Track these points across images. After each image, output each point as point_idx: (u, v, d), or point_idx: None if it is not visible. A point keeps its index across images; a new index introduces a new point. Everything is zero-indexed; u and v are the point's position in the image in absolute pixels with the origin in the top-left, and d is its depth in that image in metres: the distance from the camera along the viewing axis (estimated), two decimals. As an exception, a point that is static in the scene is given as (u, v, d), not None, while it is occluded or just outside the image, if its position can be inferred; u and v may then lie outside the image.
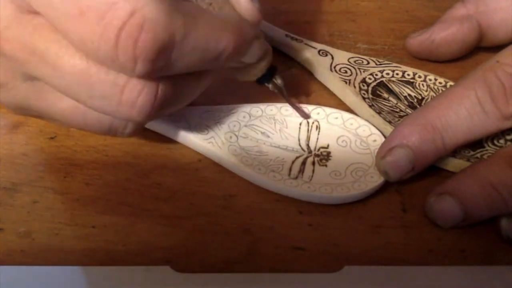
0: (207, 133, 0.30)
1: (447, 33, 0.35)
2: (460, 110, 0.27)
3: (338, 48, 0.36)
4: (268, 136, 0.30)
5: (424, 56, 0.36)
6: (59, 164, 0.30)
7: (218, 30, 0.23)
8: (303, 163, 0.29)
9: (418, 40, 0.36)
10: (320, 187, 0.28)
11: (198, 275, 0.25)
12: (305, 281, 0.25)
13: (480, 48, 0.36)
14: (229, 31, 0.24)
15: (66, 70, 0.22)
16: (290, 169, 0.29)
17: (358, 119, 0.31)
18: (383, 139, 0.30)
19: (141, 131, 0.28)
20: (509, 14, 0.34)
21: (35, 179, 0.29)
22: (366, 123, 0.31)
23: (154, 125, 0.30)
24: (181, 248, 0.26)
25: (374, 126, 0.31)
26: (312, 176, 0.29)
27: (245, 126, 0.31)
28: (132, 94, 0.23)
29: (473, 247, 0.26)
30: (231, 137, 0.30)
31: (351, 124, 0.31)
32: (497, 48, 0.31)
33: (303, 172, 0.29)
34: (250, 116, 0.31)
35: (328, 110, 0.32)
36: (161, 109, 0.24)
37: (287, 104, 0.31)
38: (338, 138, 0.31)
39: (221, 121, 0.31)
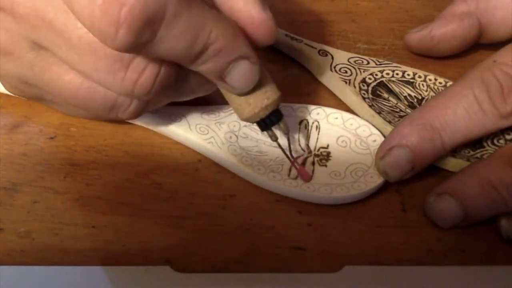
0: (207, 133, 0.30)
1: (447, 29, 0.35)
2: (459, 109, 0.27)
3: (338, 48, 0.36)
4: (268, 136, 0.30)
5: (424, 52, 0.36)
6: (59, 164, 0.30)
7: (211, 22, 0.23)
8: (303, 163, 0.29)
9: (417, 36, 0.36)
10: (320, 187, 0.28)
11: (198, 275, 0.25)
12: (305, 281, 0.25)
13: (480, 46, 0.36)
14: (220, 29, 0.23)
15: (73, 41, 0.22)
16: (290, 169, 0.29)
17: (358, 119, 0.31)
18: (383, 139, 0.30)
19: (141, 117, 0.28)
20: (510, 11, 0.34)
21: (35, 179, 0.29)
22: (366, 123, 0.31)
23: (154, 124, 0.30)
24: (181, 248, 0.26)
25: (374, 126, 0.31)
26: (312, 175, 0.29)
27: (245, 126, 0.31)
28: (137, 70, 0.23)
29: (473, 247, 0.26)
30: (231, 137, 0.30)
31: (351, 124, 0.31)
32: (497, 45, 0.31)
33: None
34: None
35: (328, 110, 0.32)
36: (161, 89, 0.24)
37: (287, 104, 0.31)
38: (338, 138, 0.31)
39: (221, 121, 0.31)
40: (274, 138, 0.28)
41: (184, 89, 0.27)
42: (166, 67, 0.24)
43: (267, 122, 0.27)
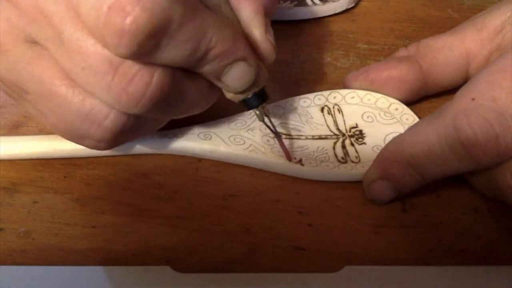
0: (244, 143, 0.30)
1: (382, 70, 0.32)
2: (432, 156, 0.26)
3: (338, 48, 0.36)
4: (300, 130, 0.31)
5: None
6: (59, 164, 0.30)
7: (212, 29, 0.23)
8: (343, 146, 0.30)
9: (353, 75, 0.33)
10: (371, 164, 0.28)
11: (198, 275, 0.25)
12: (305, 281, 0.25)
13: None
14: (221, 34, 0.23)
15: (66, 37, 0.22)
16: (336, 156, 0.29)
17: (373, 93, 0.32)
18: (404, 106, 0.31)
19: (112, 147, 0.26)
20: (454, 51, 0.31)
21: (35, 179, 0.29)
22: (381, 95, 0.32)
23: (185, 148, 0.30)
24: (181, 248, 0.26)
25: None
26: (358, 156, 0.29)
27: (275, 126, 0.31)
28: (125, 76, 0.22)
29: (473, 247, 0.26)
30: (268, 140, 0.30)
31: (369, 99, 0.32)
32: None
33: (348, 154, 0.29)
34: (275, 116, 0.31)
35: (343, 91, 0.32)
36: (153, 102, 0.23)
37: (306, 96, 0.32)
38: (363, 115, 0.31)
39: (250, 127, 0.30)
40: (261, 118, 0.28)
41: (179, 103, 0.25)
42: (158, 77, 0.23)
43: (251, 102, 0.27)
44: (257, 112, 0.28)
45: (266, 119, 0.28)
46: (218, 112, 0.30)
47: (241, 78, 0.25)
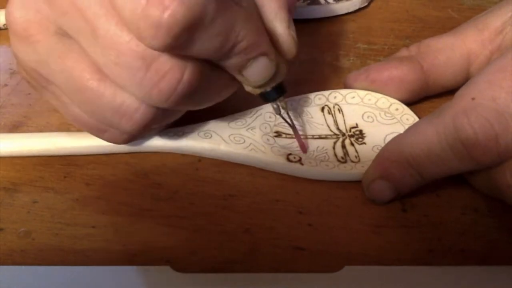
0: (244, 142, 0.30)
1: (383, 70, 0.32)
2: (432, 155, 0.26)
3: (338, 48, 0.36)
4: (300, 130, 0.31)
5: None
6: (59, 164, 0.30)
7: (240, 23, 0.23)
8: (343, 146, 0.30)
9: (353, 75, 0.33)
10: (370, 163, 0.28)
11: (198, 275, 0.25)
12: (305, 281, 0.25)
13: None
14: (248, 29, 0.23)
15: (100, 32, 0.22)
16: (336, 155, 0.29)
17: (373, 93, 0.32)
18: (404, 106, 0.31)
19: (140, 136, 0.27)
20: (455, 51, 0.31)
21: (35, 179, 0.29)
22: (382, 95, 0.32)
23: (185, 147, 0.30)
24: (181, 248, 0.26)
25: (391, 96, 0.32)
26: (358, 156, 0.29)
27: (275, 125, 0.31)
28: (158, 72, 0.23)
29: (473, 247, 0.26)
30: (268, 139, 0.30)
31: (369, 99, 0.32)
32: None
33: (348, 154, 0.30)
34: (275, 115, 0.31)
35: (343, 91, 0.32)
36: (182, 97, 0.24)
37: (304, 96, 0.32)
38: (363, 115, 0.31)
39: (251, 126, 0.30)
40: (278, 111, 0.29)
41: (203, 95, 0.26)
42: (189, 74, 0.23)
43: (270, 95, 0.27)
44: (275, 106, 0.28)
45: (283, 112, 0.29)
46: (218, 111, 0.30)
47: (262, 72, 0.25)
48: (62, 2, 0.23)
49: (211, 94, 0.26)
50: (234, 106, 0.28)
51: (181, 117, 0.28)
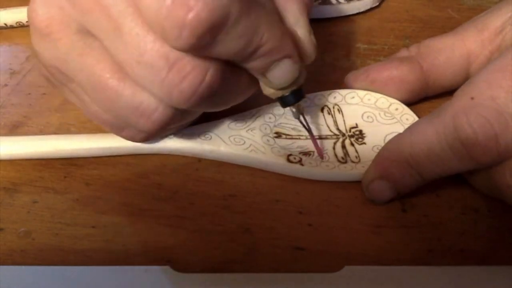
0: (244, 143, 0.30)
1: (383, 70, 0.32)
2: (431, 155, 0.26)
3: (338, 48, 0.36)
4: (300, 130, 0.31)
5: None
6: (59, 164, 0.30)
7: (264, 26, 0.23)
8: (343, 146, 0.30)
9: (353, 75, 0.33)
10: (370, 163, 0.28)
11: (198, 275, 0.25)
12: (305, 281, 0.25)
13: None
14: (271, 32, 0.23)
15: (124, 30, 0.22)
16: (336, 155, 0.29)
17: (373, 93, 0.32)
18: (404, 106, 0.31)
19: (157, 135, 0.27)
20: (455, 52, 0.31)
21: (35, 179, 0.29)
22: (381, 95, 0.32)
23: (185, 148, 0.30)
24: (181, 248, 0.26)
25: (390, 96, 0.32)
26: (358, 156, 0.29)
27: (275, 126, 0.31)
28: (180, 73, 0.23)
29: (473, 247, 0.26)
30: (268, 140, 0.30)
31: (369, 99, 0.32)
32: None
33: (348, 154, 0.30)
34: (275, 116, 0.31)
35: (342, 91, 0.32)
36: (202, 99, 0.24)
37: (306, 96, 0.32)
38: (363, 115, 0.31)
39: (251, 127, 0.30)
40: (296, 115, 0.29)
41: (223, 97, 0.26)
42: (211, 76, 0.23)
43: (289, 99, 0.27)
44: (294, 110, 0.28)
45: (301, 117, 0.29)
46: (218, 112, 0.30)
47: (285, 75, 0.25)
48: (85, 0, 0.23)
49: (230, 96, 0.26)
50: (233, 107, 0.28)
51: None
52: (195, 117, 0.28)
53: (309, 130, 0.29)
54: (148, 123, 0.25)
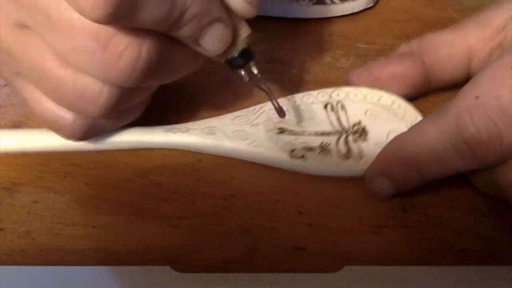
0: (247, 138, 0.30)
1: (385, 66, 0.32)
2: (434, 155, 0.25)
3: (338, 48, 0.36)
4: (303, 126, 0.31)
5: None
6: (59, 164, 0.30)
7: None
8: (346, 142, 0.30)
9: (356, 72, 0.33)
10: (373, 161, 0.28)
11: (198, 275, 0.25)
12: (305, 281, 0.25)
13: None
14: None
15: (54, 18, 0.22)
16: (339, 152, 0.30)
17: (375, 91, 0.32)
18: (407, 104, 0.31)
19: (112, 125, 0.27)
20: (456, 48, 0.31)
21: (35, 179, 0.29)
22: (385, 93, 0.32)
23: (190, 143, 0.30)
24: (181, 248, 0.26)
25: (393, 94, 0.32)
26: (360, 152, 0.29)
27: (278, 122, 0.31)
28: (114, 52, 0.23)
29: (473, 247, 0.26)
30: (271, 136, 0.30)
31: (372, 97, 0.32)
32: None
33: (351, 151, 0.30)
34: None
35: (345, 89, 0.32)
36: (143, 75, 0.23)
37: (307, 93, 0.32)
38: (366, 112, 0.31)
39: (254, 122, 0.31)
40: (246, 79, 0.27)
41: (167, 69, 0.26)
42: (147, 51, 0.23)
43: (235, 62, 0.27)
44: (242, 73, 0.27)
45: (256, 79, 0.28)
46: (222, 108, 0.30)
47: (219, 40, 0.25)
48: None
49: (175, 67, 0.26)
50: (237, 103, 0.28)
51: (184, 113, 0.28)
52: (149, 93, 0.28)
53: (268, 91, 0.28)
54: (96, 106, 0.25)
